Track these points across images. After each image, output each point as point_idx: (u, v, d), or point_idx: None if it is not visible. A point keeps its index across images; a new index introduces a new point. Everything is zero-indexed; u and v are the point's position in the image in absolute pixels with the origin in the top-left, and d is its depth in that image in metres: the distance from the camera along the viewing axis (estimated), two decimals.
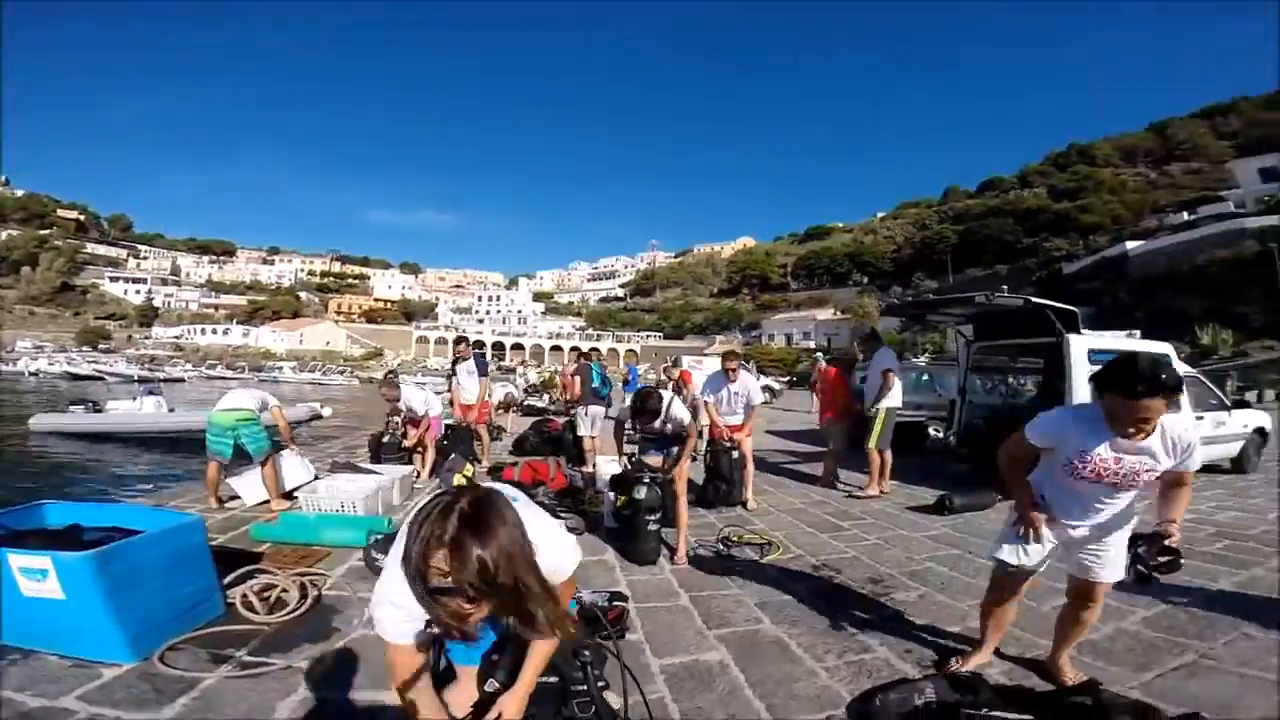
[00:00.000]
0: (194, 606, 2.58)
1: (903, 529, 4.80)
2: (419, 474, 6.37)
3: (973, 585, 3.45)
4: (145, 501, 5.30)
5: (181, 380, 39.70)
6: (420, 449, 6.66)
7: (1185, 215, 42.24)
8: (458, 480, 5.92)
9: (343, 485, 4.92)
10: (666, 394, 4.32)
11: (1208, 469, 7.09)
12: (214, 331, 77.36)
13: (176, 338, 75.31)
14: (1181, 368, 6.96)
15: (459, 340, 7.68)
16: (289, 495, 4.99)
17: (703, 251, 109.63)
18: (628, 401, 8.17)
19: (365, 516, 4.44)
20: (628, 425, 4.45)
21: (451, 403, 7.16)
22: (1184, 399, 6.70)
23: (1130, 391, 1.80)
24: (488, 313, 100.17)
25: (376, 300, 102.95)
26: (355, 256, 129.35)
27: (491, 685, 1.48)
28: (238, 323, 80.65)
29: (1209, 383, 7.44)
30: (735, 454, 5.48)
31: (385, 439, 6.82)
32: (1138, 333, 7.30)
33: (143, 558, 2.38)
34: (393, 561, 1.32)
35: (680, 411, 4.21)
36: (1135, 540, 2.00)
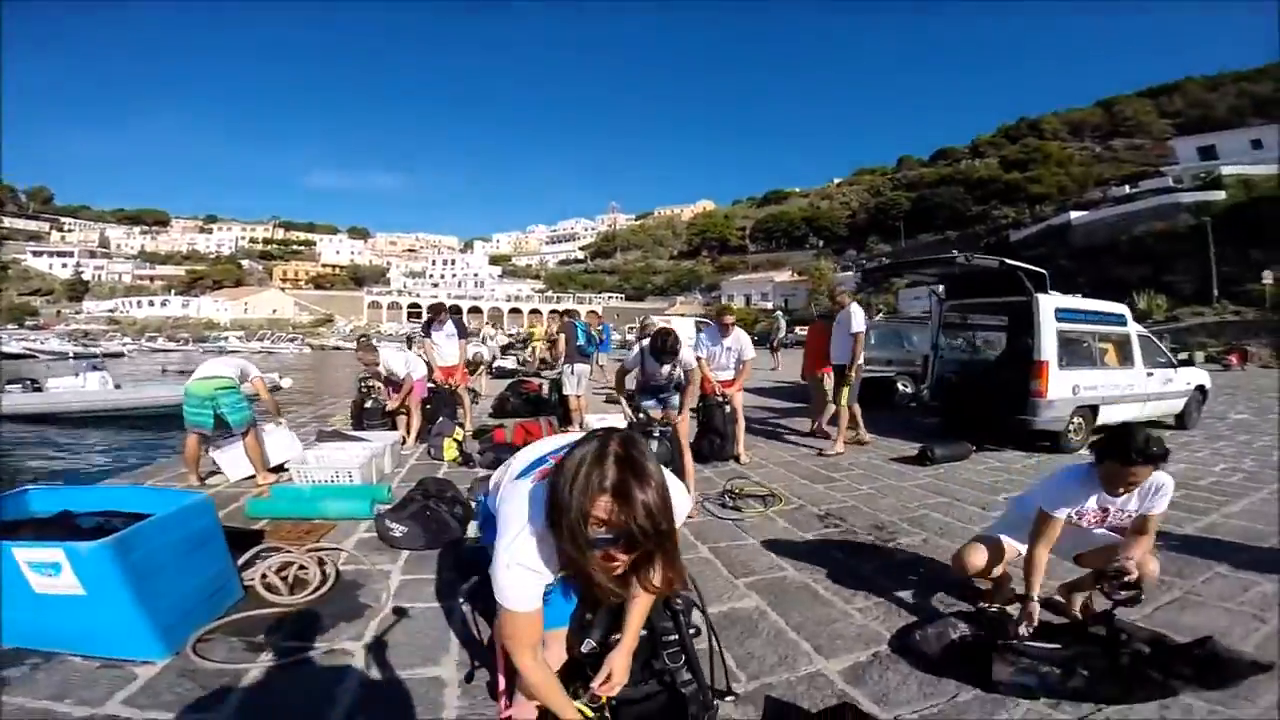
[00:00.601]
0: (215, 592, 2.44)
1: (891, 479, 5.00)
2: (404, 439, 6.23)
3: (968, 530, 3.64)
4: (124, 483, 5.01)
5: (121, 355, 37.39)
6: (403, 413, 6.50)
7: (1126, 189, 44.38)
8: (447, 444, 5.83)
9: (333, 455, 4.76)
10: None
11: (1154, 424, 7.59)
12: (151, 303, 73.30)
13: (110, 311, 70.96)
14: (1136, 327, 7.43)
15: (436, 305, 7.42)
16: (275, 469, 4.80)
17: (663, 214, 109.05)
18: (603, 361, 8.03)
19: (364, 486, 4.33)
20: (634, 374, 4.45)
21: (429, 366, 6.99)
22: (1137, 354, 7.14)
23: (1127, 459, 2.08)
24: (442, 276, 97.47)
25: (325, 266, 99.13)
26: (300, 223, 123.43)
27: (588, 645, 1.48)
28: (176, 293, 76.60)
29: (1159, 342, 7.90)
30: (727, 409, 5.53)
31: (367, 404, 6.62)
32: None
33: (160, 542, 2.20)
34: (516, 521, 1.29)
35: (690, 357, 4.25)
36: (1099, 577, 2.21)
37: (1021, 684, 1.88)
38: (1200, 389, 8.17)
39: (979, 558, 2.43)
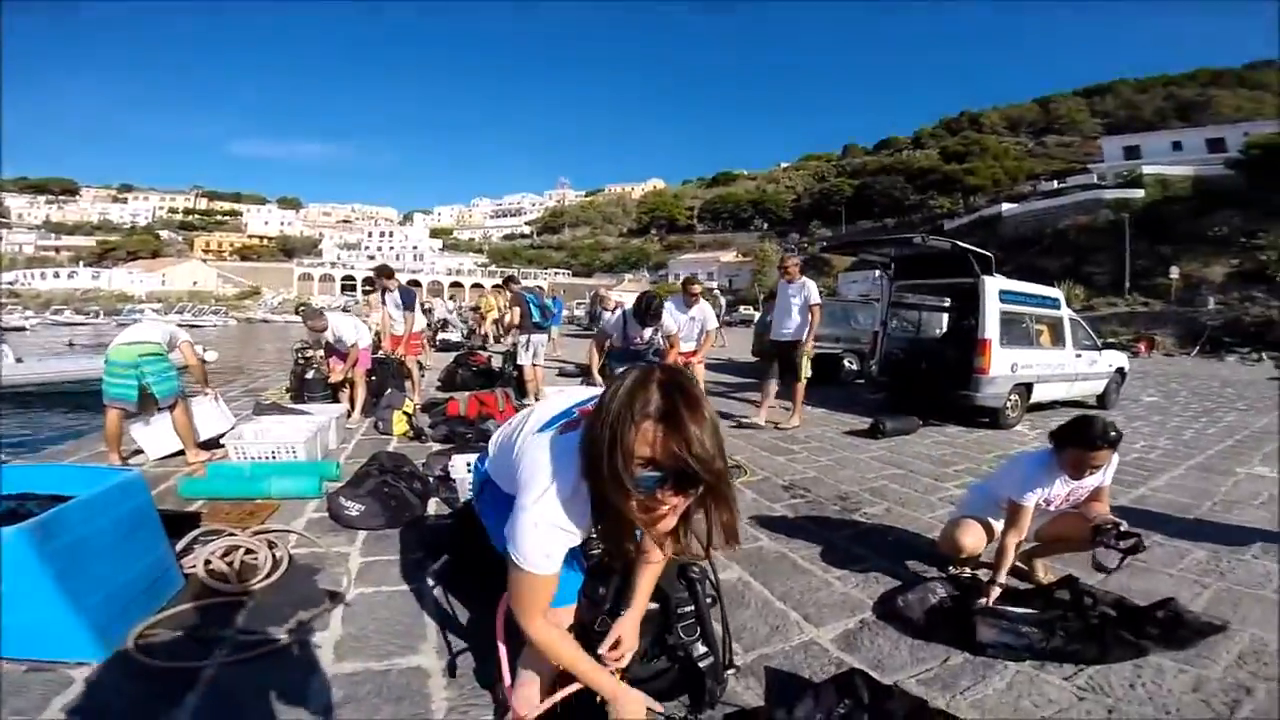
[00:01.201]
0: (154, 582, 2.16)
1: (846, 451, 5.12)
2: (349, 413, 5.89)
3: (926, 499, 3.80)
4: (31, 462, 4.51)
5: (23, 329, 33.97)
6: (347, 385, 6.15)
7: (1055, 184, 47.04)
8: (397, 418, 5.55)
9: (274, 429, 4.45)
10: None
11: (1078, 404, 8.10)
12: (56, 275, 67.45)
13: (10, 283, 64.56)
14: (1068, 312, 7.86)
15: (382, 270, 7.04)
16: (205, 445, 4.43)
17: (614, 191, 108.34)
18: (554, 335, 7.86)
19: (310, 462, 4.05)
20: (614, 340, 4.37)
21: (378, 336, 6.64)
22: (1068, 336, 7.57)
23: (1091, 445, 2.26)
24: (379, 249, 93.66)
25: (251, 237, 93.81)
26: (225, 192, 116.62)
27: (603, 623, 1.39)
28: (85, 265, 70.70)
29: (1085, 326, 8.39)
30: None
31: (309, 375, 6.20)
32: None
33: (89, 527, 1.92)
34: (542, 475, 1.16)
35: (670, 322, 4.21)
36: (1096, 535, 2.29)
37: (1006, 644, 1.92)
38: (1120, 371, 8.75)
39: (971, 540, 2.48)
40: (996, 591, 2.22)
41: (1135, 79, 67.55)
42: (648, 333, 4.22)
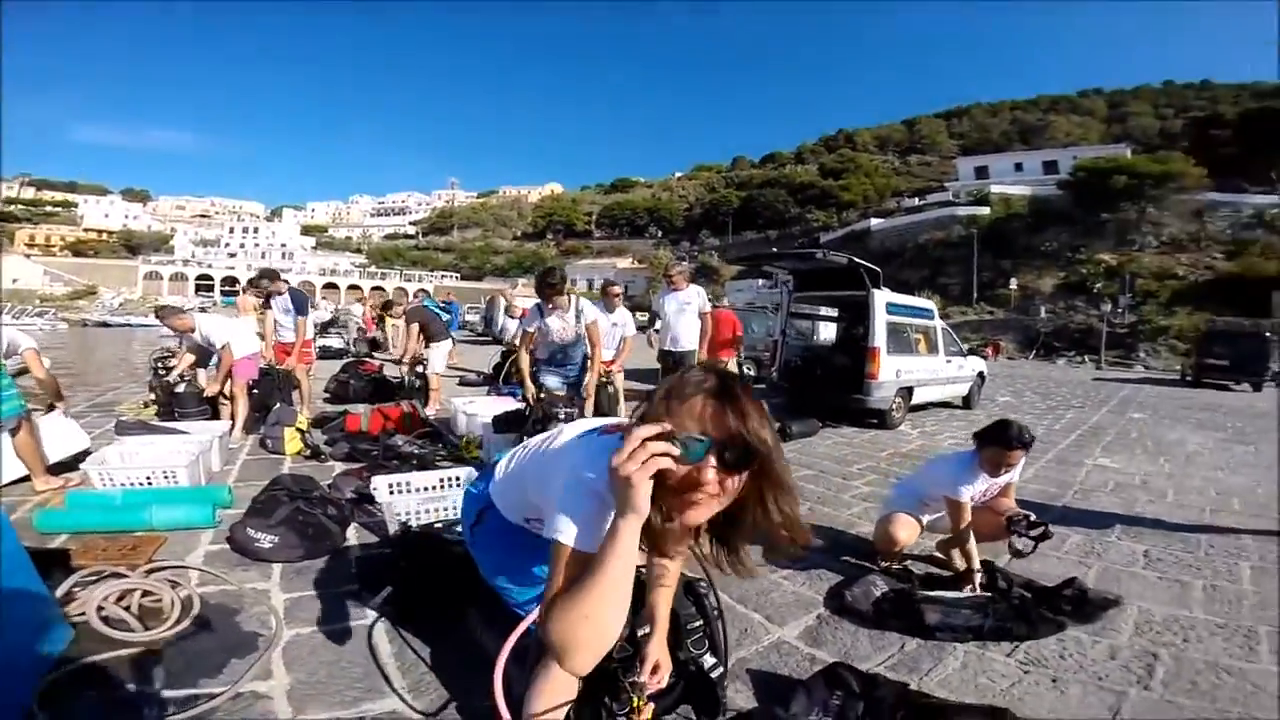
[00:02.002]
0: (39, 633, 1.79)
1: None
2: (230, 430, 5.23)
3: (839, 497, 4.08)
4: None
5: None
6: (225, 399, 5.50)
7: (917, 200, 52.18)
8: (289, 435, 5.03)
9: (144, 451, 3.88)
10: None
11: (945, 405, 9.05)
12: None
13: None
14: (940, 322, 8.78)
15: (267, 273, 6.39)
16: (55, 470, 3.76)
17: (509, 194, 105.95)
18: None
19: (198, 488, 3.57)
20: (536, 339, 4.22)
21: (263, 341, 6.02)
22: (940, 344, 8.44)
23: (1010, 445, 2.53)
24: (241, 245, 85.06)
25: (88, 231, 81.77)
26: (59, 181, 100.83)
27: (622, 649, 1.34)
28: None
29: (954, 334, 9.40)
30: (610, 389, 5.42)
31: (181, 388, 5.45)
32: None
33: None
34: (579, 471, 1.11)
35: (592, 311, 4.14)
36: (1010, 526, 2.61)
37: (951, 627, 2.11)
38: (980, 375, 9.89)
39: (905, 534, 2.70)
40: (979, 578, 2.46)
41: (987, 103, 76.61)
42: (558, 323, 4.08)
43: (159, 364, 6.14)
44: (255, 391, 5.66)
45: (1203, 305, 26.62)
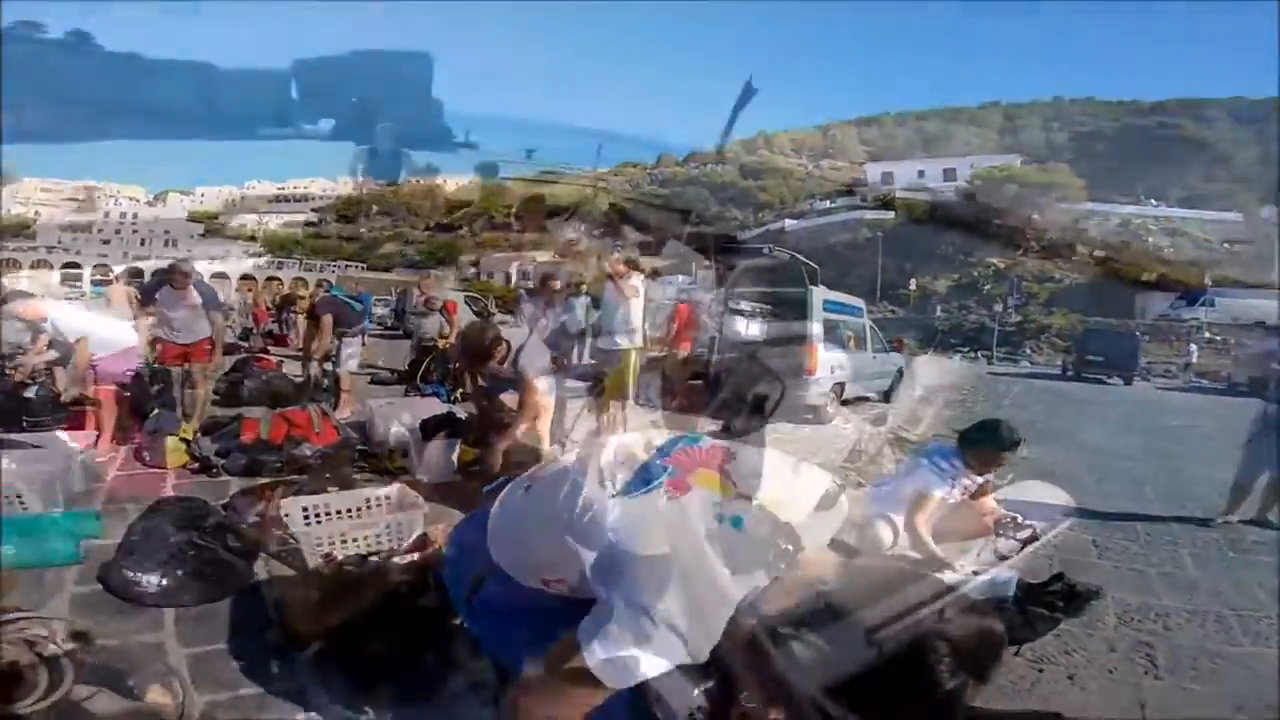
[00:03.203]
0: None
1: None
2: (95, 441, 4.39)
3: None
4: None
5: None
6: (91, 405, 4.66)
7: (828, 204, 55.06)
8: (171, 445, 4.30)
9: None
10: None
11: (866, 398, 9.38)
12: None
13: None
14: (867, 320, 9.10)
15: (175, 267, 5.48)
16: None
17: (422, 182, 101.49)
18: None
19: (52, 516, 2.91)
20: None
21: (154, 342, 5.20)
22: (868, 341, 8.73)
23: (1003, 446, 2.54)
24: (117, 231, 76.37)
25: None
26: None
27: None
28: None
29: (879, 331, 9.76)
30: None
31: (34, 392, 4.57)
32: None
33: None
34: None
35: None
36: (998, 526, 2.60)
37: None
38: (900, 370, 10.35)
39: (888, 536, 2.59)
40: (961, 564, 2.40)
41: (894, 113, 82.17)
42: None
43: (3, 362, 5.18)
44: (127, 394, 4.85)
45: (1075, 307, 29.70)
